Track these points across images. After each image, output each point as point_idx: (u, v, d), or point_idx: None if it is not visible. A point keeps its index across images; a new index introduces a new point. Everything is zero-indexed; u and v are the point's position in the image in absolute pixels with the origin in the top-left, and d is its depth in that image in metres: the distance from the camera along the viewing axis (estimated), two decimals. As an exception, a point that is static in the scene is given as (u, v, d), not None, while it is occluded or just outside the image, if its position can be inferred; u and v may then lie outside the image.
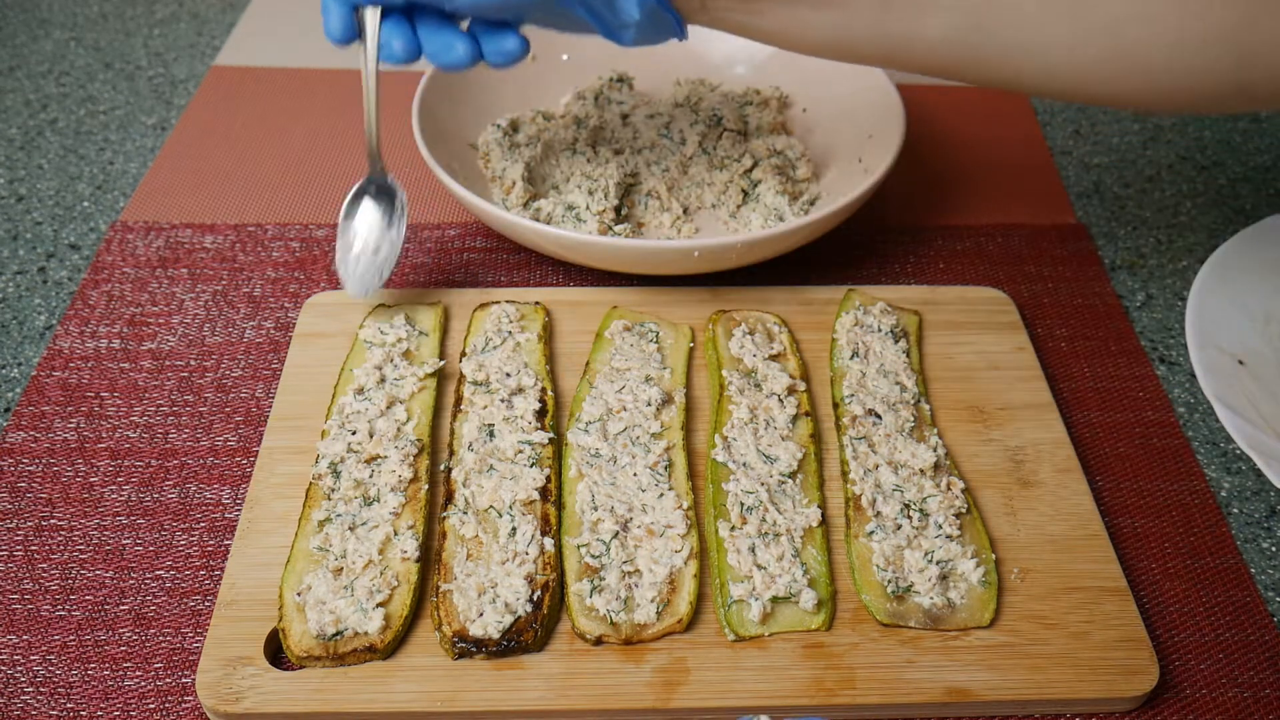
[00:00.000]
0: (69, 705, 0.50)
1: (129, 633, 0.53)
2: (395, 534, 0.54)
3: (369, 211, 0.65)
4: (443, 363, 0.63)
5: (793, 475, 0.57)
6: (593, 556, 0.53)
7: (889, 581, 0.52)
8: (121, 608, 0.54)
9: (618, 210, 0.73)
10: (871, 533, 0.54)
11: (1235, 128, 0.88)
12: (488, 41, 0.57)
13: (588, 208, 0.71)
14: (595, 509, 0.55)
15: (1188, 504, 0.60)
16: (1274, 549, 0.58)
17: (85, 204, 0.79)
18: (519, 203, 0.73)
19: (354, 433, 0.58)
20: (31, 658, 0.52)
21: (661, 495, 0.55)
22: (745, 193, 0.76)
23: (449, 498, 0.56)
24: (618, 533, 0.54)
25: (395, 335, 0.63)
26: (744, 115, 0.81)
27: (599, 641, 0.51)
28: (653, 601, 0.51)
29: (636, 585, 0.52)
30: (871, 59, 0.55)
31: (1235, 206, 0.81)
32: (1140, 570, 0.56)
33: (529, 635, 0.50)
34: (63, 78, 0.92)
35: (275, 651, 0.51)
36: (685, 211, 0.76)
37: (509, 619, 0.50)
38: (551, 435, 0.58)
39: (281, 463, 0.58)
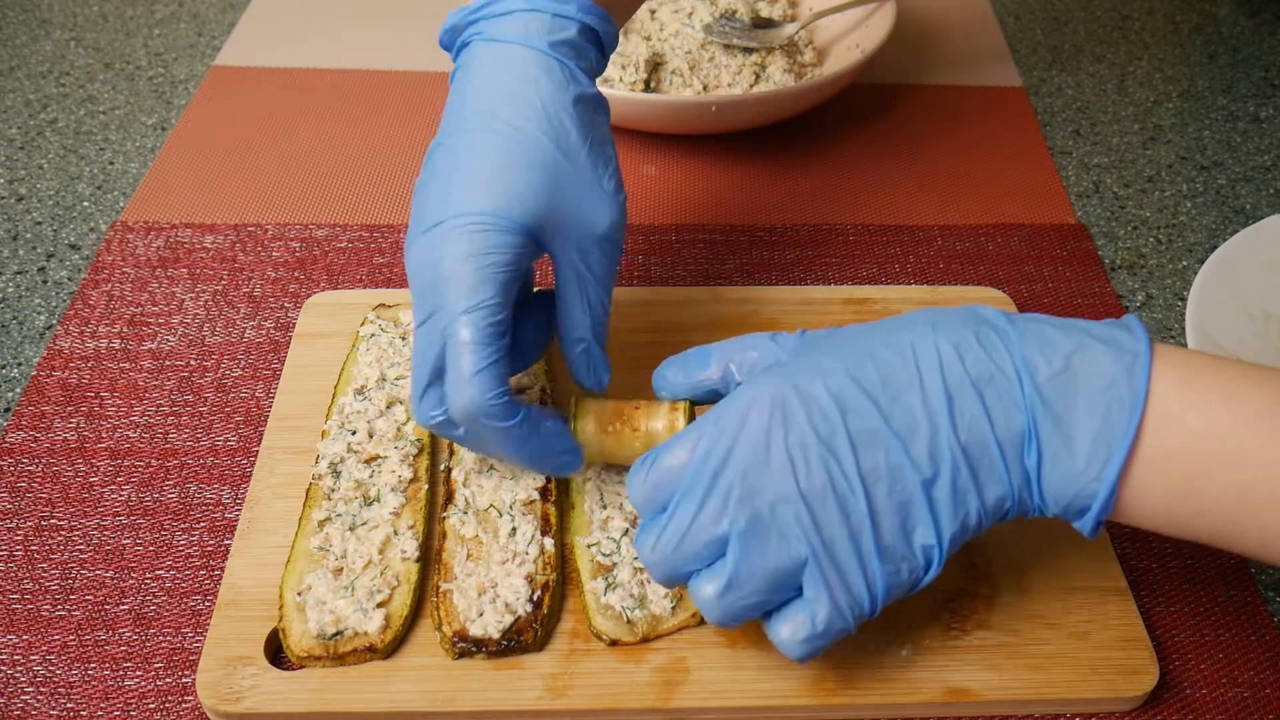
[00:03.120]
0: (69, 705, 0.50)
1: (129, 633, 0.53)
2: (395, 534, 0.54)
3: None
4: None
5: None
6: (604, 555, 0.53)
7: None
8: (121, 608, 0.54)
9: (646, 84, 0.83)
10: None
11: (1235, 128, 0.88)
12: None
13: (620, 80, 0.82)
14: (604, 507, 0.55)
15: (1188, 504, 0.60)
16: (1274, 549, 0.58)
17: (85, 204, 0.79)
18: None
19: (354, 433, 0.58)
20: (31, 657, 0.52)
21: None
22: (757, 75, 0.84)
23: (449, 498, 0.56)
24: (628, 529, 0.54)
25: (396, 335, 0.63)
26: (756, 8, 0.90)
27: (614, 644, 0.51)
28: (666, 596, 0.51)
29: (649, 581, 0.52)
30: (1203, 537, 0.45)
31: (1235, 206, 0.81)
32: (1140, 570, 0.56)
33: (529, 635, 0.50)
34: (63, 78, 0.92)
35: (275, 651, 0.51)
36: (705, 88, 0.84)
37: (509, 619, 0.50)
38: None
39: (281, 463, 0.58)
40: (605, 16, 0.53)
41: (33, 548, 0.56)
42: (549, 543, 0.53)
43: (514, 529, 0.54)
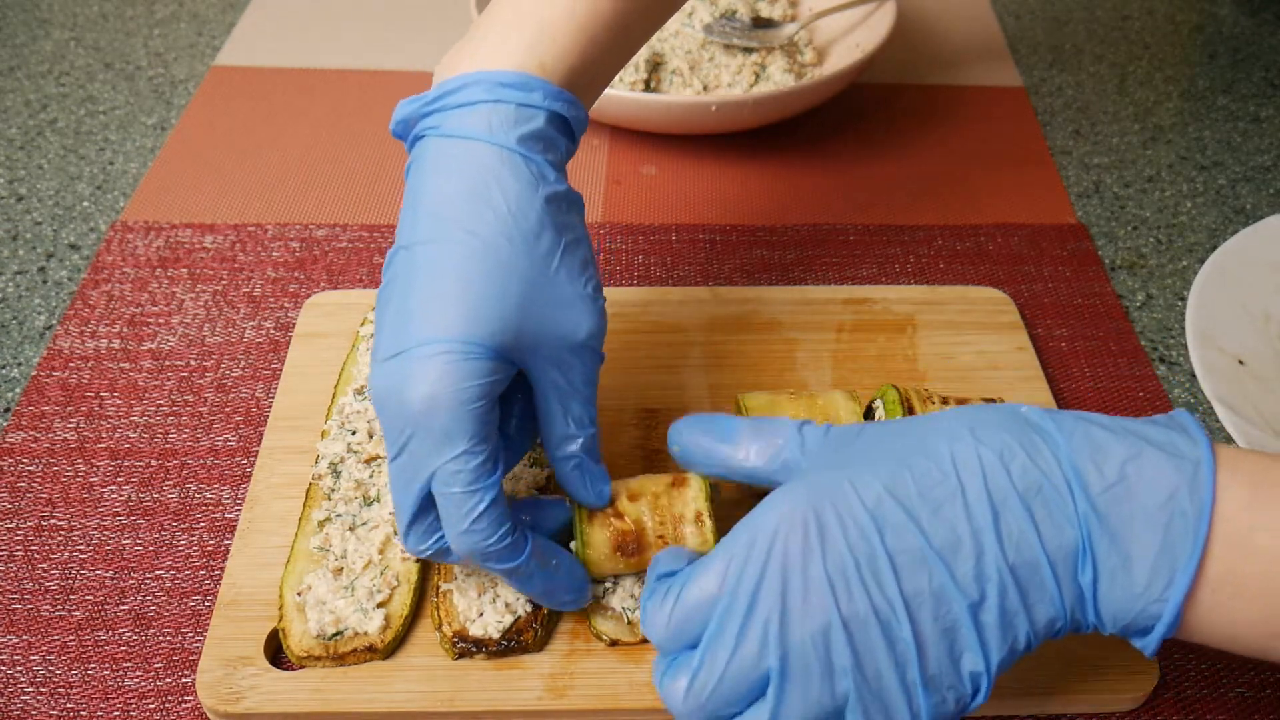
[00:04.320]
0: (69, 705, 0.50)
1: (129, 633, 0.53)
2: (395, 534, 0.54)
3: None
4: None
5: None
6: None
7: None
8: (121, 608, 0.54)
9: (646, 84, 0.84)
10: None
11: (1235, 128, 0.88)
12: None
13: (620, 80, 0.82)
14: None
15: (1188, 504, 0.60)
16: (1274, 549, 0.58)
17: (85, 204, 0.79)
18: None
19: (354, 433, 0.58)
20: (31, 657, 0.52)
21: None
22: (757, 75, 0.85)
23: (449, 498, 0.56)
24: None
25: (395, 335, 0.63)
26: (756, 8, 0.90)
27: (614, 643, 0.51)
28: None
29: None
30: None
31: (1235, 206, 0.81)
32: (1140, 570, 0.56)
33: (529, 635, 0.50)
34: (63, 78, 0.92)
35: (275, 651, 0.51)
36: (705, 88, 0.85)
37: (509, 619, 0.50)
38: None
39: (281, 463, 0.58)
40: (574, 101, 0.48)
41: (33, 548, 0.56)
42: (549, 543, 0.53)
43: (514, 529, 0.54)
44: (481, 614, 0.51)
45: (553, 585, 0.48)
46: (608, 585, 0.52)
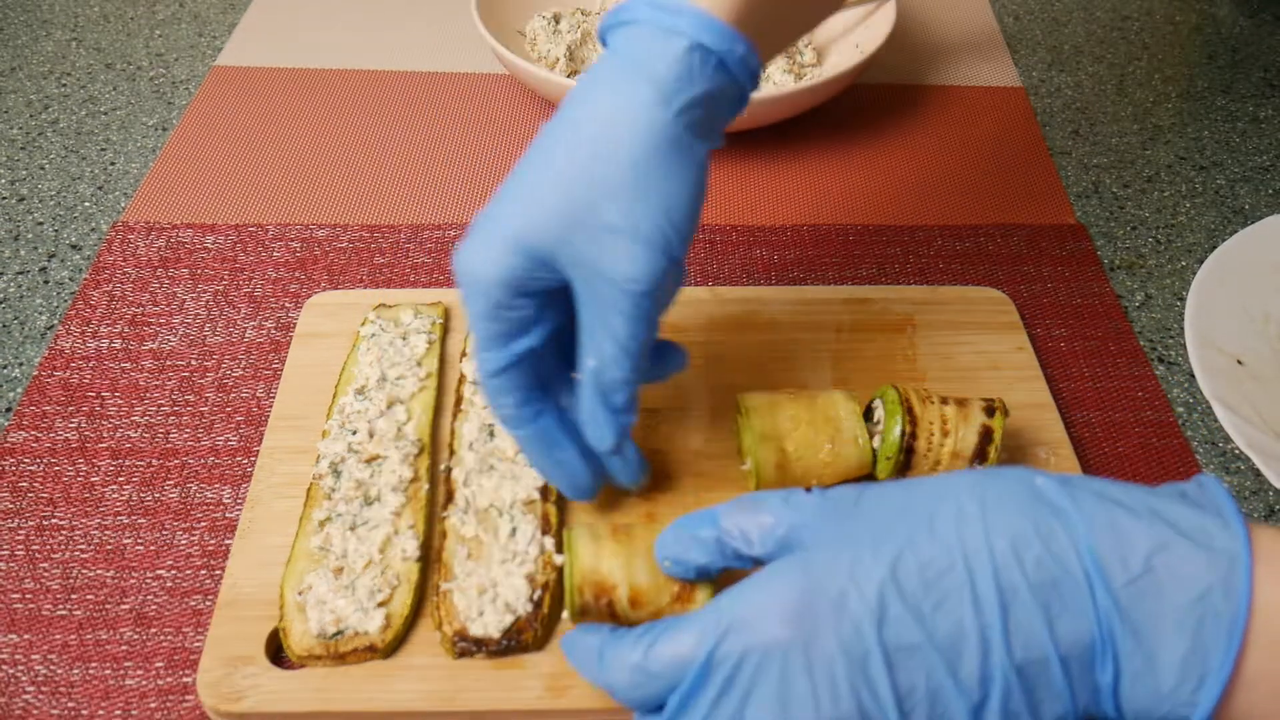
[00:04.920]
0: (70, 704, 0.50)
1: (130, 632, 0.53)
2: (396, 534, 0.54)
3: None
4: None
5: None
6: None
7: None
8: (122, 607, 0.54)
9: None
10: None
11: (1234, 128, 0.89)
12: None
13: None
14: None
15: (1187, 504, 0.60)
16: (1273, 549, 0.58)
17: (86, 204, 0.79)
18: (560, 76, 0.81)
19: (354, 433, 0.58)
20: (32, 657, 0.52)
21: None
22: None
23: (449, 497, 0.56)
24: None
25: (396, 335, 0.64)
26: None
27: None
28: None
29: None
30: None
31: (1234, 206, 0.81)
32: (1139, 570, 0.56)
33: (529, 635, 0.50)
34: (64, 78, 0.92)
35: (276, 651, 0.51)
36: None
37: (509, 618, 0.50)
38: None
39: (282, 462, 0.59)
40: (749, 58, 0.45)
41: (34, 547, 0.56)
42: (549, 542, 0.53)
43: (514, 529, 0.54)
44: (482, 613, 0.51)
45: (549, 473, 0.52)
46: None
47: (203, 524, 0.58)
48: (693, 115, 0.44)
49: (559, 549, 0.53)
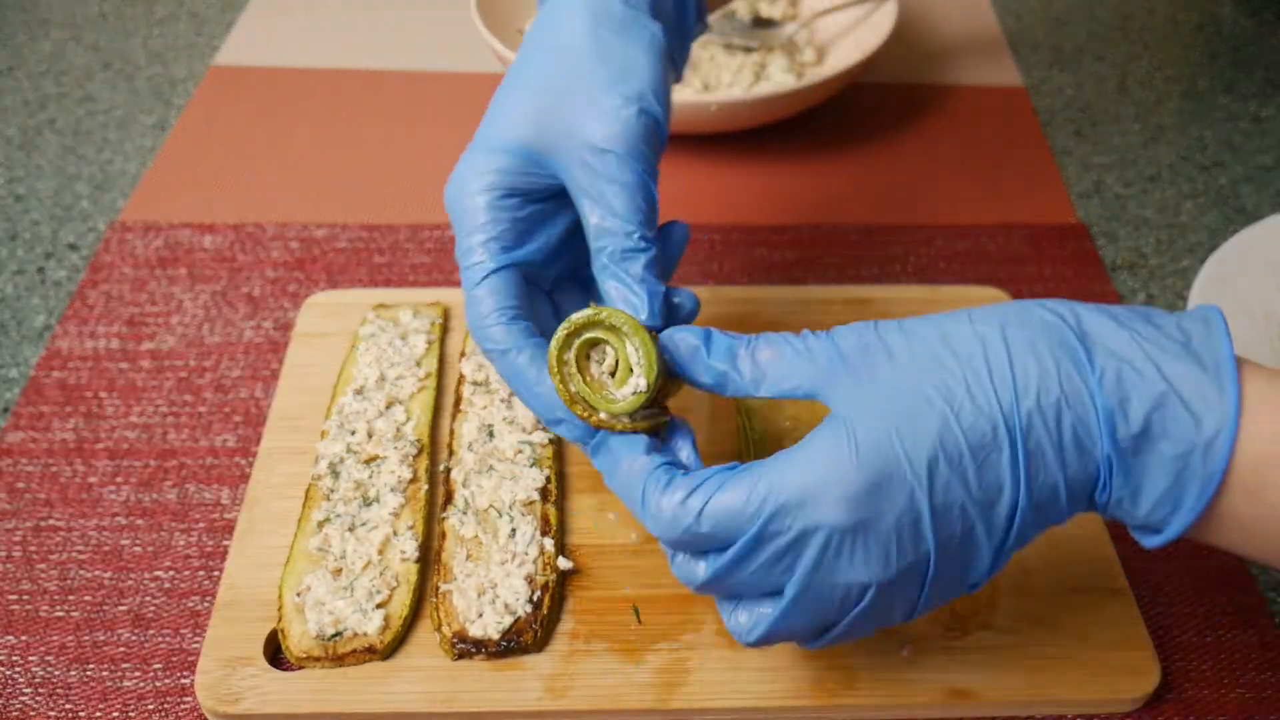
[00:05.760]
0: (68, 706, 0.50)
1: (128, 633, 0.53)
2: (395, 534, 0.54)
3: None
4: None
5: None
6: None
7: None
8: (120, 608, 0.54)
9: None
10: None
11: (1236, 128, 0.88)
12: None
13: None
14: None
15: (1189, 504, 0.60)
16: (1275, 549, 0.58)
17: (84, 204, 0.79)
18: None
19: (353, 433, 0.58)
20: (30, 658, 0.52)
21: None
22: (757, 75, 0.85)
23: (449, 498, 0.56)
24: None
25: (395, 335, 0.63)
26: (756, 8, 0.91)
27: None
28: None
29: None
30: None
31: (1236, 206, 0.81)
32: (1140, 570, 0.56)
33: (529, 635, 0.50)
34: (61, 77, 0.92)
35: (274, 652, 0.51)
36: (705, 88, 0.85)
37: (509, 619, 0.50)
38: (552, 436, 0.58)
39: (281, 463, 0.58)
40: None
41: (31, 548, 0.56)
42: (549, 543, 0.53)
43: (514, 529, 0.54)
44: (481, 615, 0.50)
45: (523, 396, 0.47)
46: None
47: (201, 525, 0.58)
48: None
49: (560, 551, 0.53)
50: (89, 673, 0.51)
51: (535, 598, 0.51)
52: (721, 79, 0.85)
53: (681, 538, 0.42)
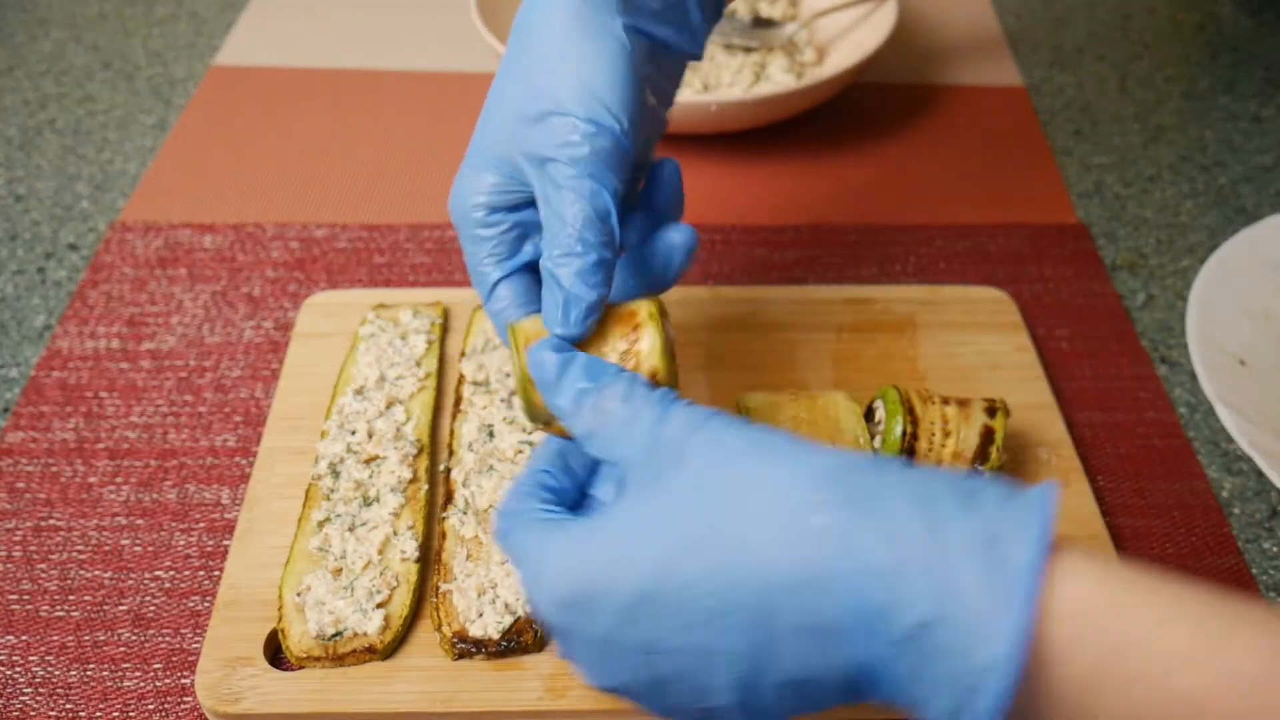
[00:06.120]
0: (68, 706, 0.50)
1: (128, 633, 0.53)
2: (395, 534, 0.54)
3: None
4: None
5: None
6: None
7: None
8: (120, 608, 0.54)
9: None
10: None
11: (1236, 127, 0.88)
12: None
13: None
14: None
15: (1189, 504, 0.60)
16: (1276, 550, 0.58)
17: (84, 204, 0.79)
18: None
19: (353, 433, 0.58)
20: (30, 658, 0.52)
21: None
22: (757, 75, 0.85)
23: (449, 498, 0.56)
24: None
25: (395, 335, 0.63)
26: (756, 8, 0.91)
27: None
28: None
29: None
30: None
31: (1236, 206, 0.81)
32: (1141, 571, 0.56)
33: (529, 635, 0.50)
34: (61, 77, 0.92)
35: (275, 652, 0.51)
36: (705, 88, 0.85)
37: (509, 619, 0.50)
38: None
39: (281, 463, 0.58)
40: None
41: (31, 548, 0.56)
42: (549, 543, 0.53)
43: (514, 529, 0.54)
44: (481, 614, 0.50)
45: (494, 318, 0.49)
46: None
47: (201, 525, 0.58)
48: None
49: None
50: (89, 673, 0.51)
51: (535, 598, 0.51)
52: (721, 79, 0.85)
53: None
